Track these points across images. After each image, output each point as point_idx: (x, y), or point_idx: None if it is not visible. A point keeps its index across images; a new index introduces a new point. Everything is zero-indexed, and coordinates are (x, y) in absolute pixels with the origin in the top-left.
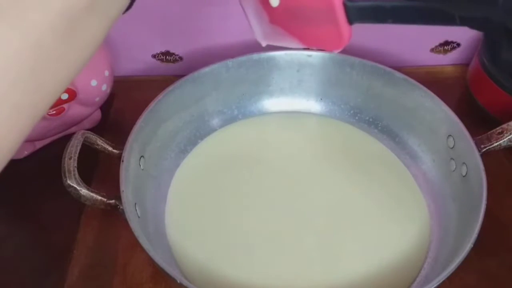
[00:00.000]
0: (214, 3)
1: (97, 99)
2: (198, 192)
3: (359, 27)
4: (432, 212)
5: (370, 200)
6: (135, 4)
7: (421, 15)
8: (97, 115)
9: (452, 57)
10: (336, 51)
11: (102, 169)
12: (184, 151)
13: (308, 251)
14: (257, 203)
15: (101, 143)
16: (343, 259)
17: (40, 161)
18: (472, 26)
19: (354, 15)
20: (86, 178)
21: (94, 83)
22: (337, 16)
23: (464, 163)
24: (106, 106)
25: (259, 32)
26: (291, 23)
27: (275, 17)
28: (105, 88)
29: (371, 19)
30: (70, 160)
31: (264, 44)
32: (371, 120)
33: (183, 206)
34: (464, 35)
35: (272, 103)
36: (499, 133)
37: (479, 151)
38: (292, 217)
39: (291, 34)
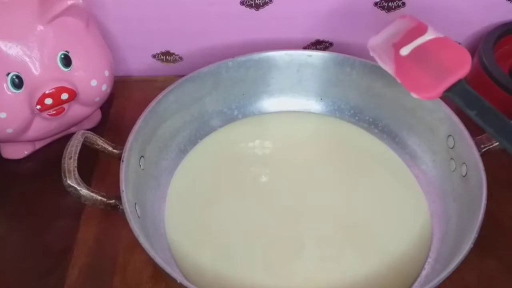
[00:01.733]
0: (214, 3)
1: (97, 99)
2: (198, 192)
3: (359, 27)
4: (433, 212)
5: (370, 200)
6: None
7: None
8: (97, 115)
9: None
10: (420, 98)
11: (102, 169)
12: (184, 151)
13: (308, 251)
14: (257, 203)
15: (101, 143)
16: (344, 259)
17: (40, 161)
18: None
19: (455, 92)
20: (86, 178)
21: (94, 83)
22: (447, 80)
23: (464, 163)
24: (106, 106)
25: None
26: (407, 66)
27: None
28: (105, 88)
29: (462, 104)
30: (70, 160)
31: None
32: (371, 120)
33: (183, 206)
34: (464, 35)
35: (272, 103)
36: None
37: (479, 151)
38: (292, 217)
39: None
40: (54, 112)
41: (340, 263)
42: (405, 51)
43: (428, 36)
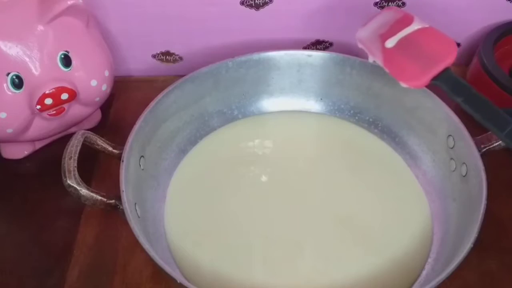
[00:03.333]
0: (214, 3)
1: (97, 99)
2: (198, 192)
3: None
4: (433, 212)
5: (371, 200)
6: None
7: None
8: (97, 115)
9: None
10: (405, 86)
11: (102, 169)
12: (184, 151)
13: (309, 251)
14: (257, 203)
15: (101, 143)
16: (344, 259)
17: (40, 161)
18: None
19: (442, 80)
20: (86, 178)
21: (94, 83)
22: (434, 69)
23: (464, 163)
24: (106, 106)
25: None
26: (394, 56)
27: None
28: (105, 88)
29: (449, 91)
30: (70, 160)
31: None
32: (371, 120)
33: (183, 206)
34: (464, 35)
35: (272, 103)
36: None
37: (479, 151)
38: (292, 217)
39: (384, 59)
40: (54, 112)
41: (340, 263)
42: (390, 43)
43: (414, 26)
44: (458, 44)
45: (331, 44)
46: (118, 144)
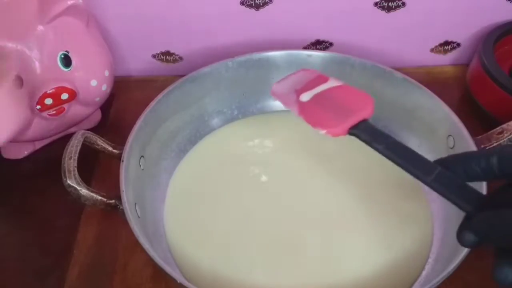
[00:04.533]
0: (214, 3)
1: (97, 99)
2: (197, 192)
3: (359, 27)
4: (433, 212)
5: (371, 200)
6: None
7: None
8: (97, 115)
9: (452, 57)
10: (326, 133)
11: (102, 169)
12: (184, 151)
13: (309, 251)
14: (257, 203)
15: (101, 143)
16: (345, 259)
17: (40, 161)
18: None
19: (361, 130)
20: (86, 178)
21: (94, 83)
22: (352, 118)
23: None
24: (106, 106)
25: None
26: (310, 108)
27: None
28: (105, 88)
29: (369, 139)
30: (70, 160)
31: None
32: (371, 120)
33: (182, 206)
34: (464, 35)
35: (272, 103)
36: (499, 133)
37: None
38: (292, 217)
39: (302, 113)
40: (54, 112)
41: (340, 263)
42: (305, 97)
43: (329, 84)
44: (458, 44)
45: (331, 44)
46: (118, 144)
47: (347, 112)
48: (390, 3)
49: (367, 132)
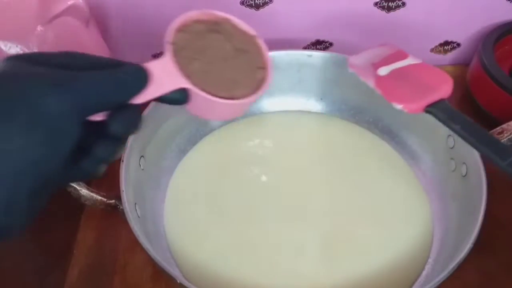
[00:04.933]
0: (214, 3)
1: None
2: (197, 192)
3: (359, 27)
4: (433, 212)
5: (372, 200)
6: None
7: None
8: None
9: (452, 57)
10: (403, 108)
11: None
12: (183, 151)
13: (309, 251)
14: (257, 203)
15: None
16: (345, 259)
17: None
18: None
19: (438, 108)
20: None
21: None
22: (431, 96)
23: (464, 163)
24: None
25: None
26: (388, 82)
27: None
28: None
29: (446, 119)
30: None
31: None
32: (371, 120)
33: (182, 206)
34: (464, 35)
35: (272, 103)
36: (499, 133)
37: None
38: (292, 217)
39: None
40: None
41: (340, 263)
42: (383, 71)
43: (408, 61)
44: (458, 44)
45: (331, 44)
46: None
47: (425, 89)
48: (390, 3)
49: (444, 112)
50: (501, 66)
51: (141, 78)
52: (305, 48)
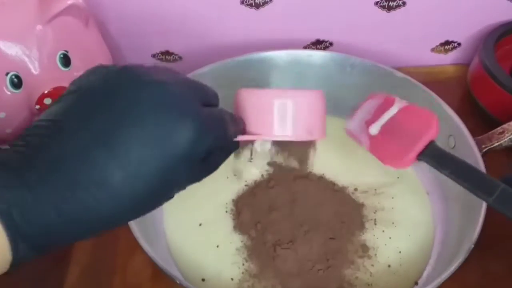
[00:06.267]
0: (214, 3)
1: None
2: (197, 191)
3: (359, 26)
4: (434, 212)
5: (371, 200)
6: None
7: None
8: None
9: (452, 56)
10: (394, 168)
11: None
12: None
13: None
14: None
15: None
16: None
17: None
18: None
19: (427, 155)
20: None
21: None
22: (417, 146)
23: None
24: None
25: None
26: (379, 142)
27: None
28: None
29: (436, 165)
30: None
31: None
32: None
33: (182, 206)
34: (465, 34)
35: None
36: (500, 133)
37: (480, 151)
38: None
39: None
40: None
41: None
42: (374, 129)
43: (395, 108)
44: (459, 44)
45: (331, 44)
46: None
47: (414, 138)
48: (390, 3)
49: (434, 158)
50: (502, 65)
51: None
52: (305, 48)
